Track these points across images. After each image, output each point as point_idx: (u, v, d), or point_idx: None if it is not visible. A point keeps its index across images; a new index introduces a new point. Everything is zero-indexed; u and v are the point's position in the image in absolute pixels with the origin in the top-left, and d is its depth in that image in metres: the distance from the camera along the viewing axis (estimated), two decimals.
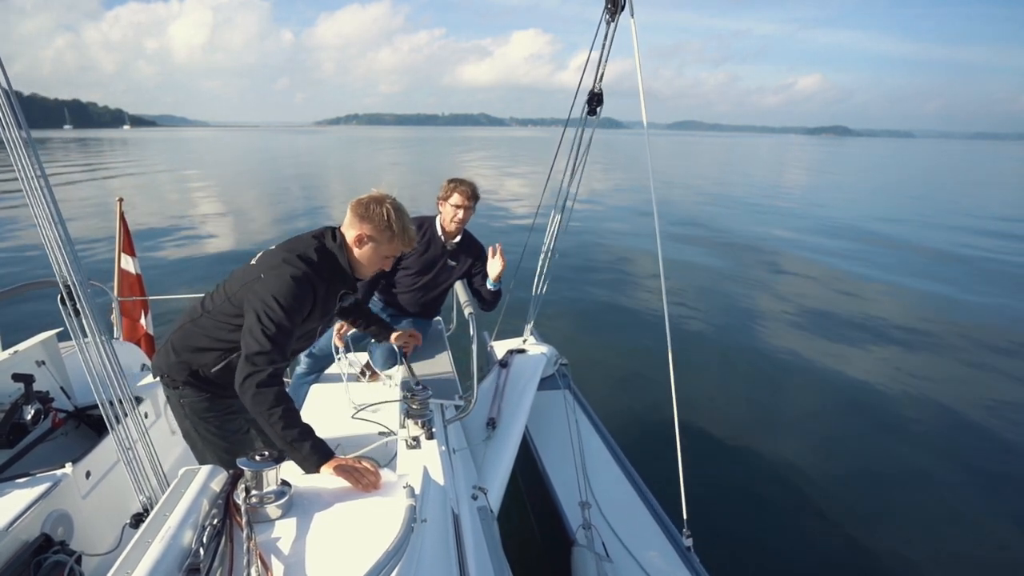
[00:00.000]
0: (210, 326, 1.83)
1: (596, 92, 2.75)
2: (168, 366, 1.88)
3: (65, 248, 1.52)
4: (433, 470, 1.84)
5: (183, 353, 1.86)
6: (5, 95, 1.35)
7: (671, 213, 17.30)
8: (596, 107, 2.79)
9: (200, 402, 1.89)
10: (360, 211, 1.83)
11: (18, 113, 1.39)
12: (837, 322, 7.60)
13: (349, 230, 1.86)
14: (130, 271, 3.88)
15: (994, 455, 4.46)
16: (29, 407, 2.26)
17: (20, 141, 1.40)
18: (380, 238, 1.84)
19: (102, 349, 1.64)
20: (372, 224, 1.82)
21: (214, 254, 10.99)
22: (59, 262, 1.54)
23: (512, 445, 2.60)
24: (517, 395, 3.00)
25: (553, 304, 6.75)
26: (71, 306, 1.60)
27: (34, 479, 1.94)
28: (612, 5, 2.38)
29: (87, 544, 1.98)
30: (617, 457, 3.01)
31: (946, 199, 24.54)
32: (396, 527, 1.13)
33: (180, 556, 1.04)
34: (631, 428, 4.21)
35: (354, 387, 2.95)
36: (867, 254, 12.34)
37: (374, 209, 1.82)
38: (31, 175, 1.44)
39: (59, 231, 1.50)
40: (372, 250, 1.86)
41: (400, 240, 1.86)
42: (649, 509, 2.63)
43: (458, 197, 2.87)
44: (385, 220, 1.81)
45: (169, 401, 1.94)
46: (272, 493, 1.22)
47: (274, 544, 1.13)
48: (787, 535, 3.46)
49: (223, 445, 1.92)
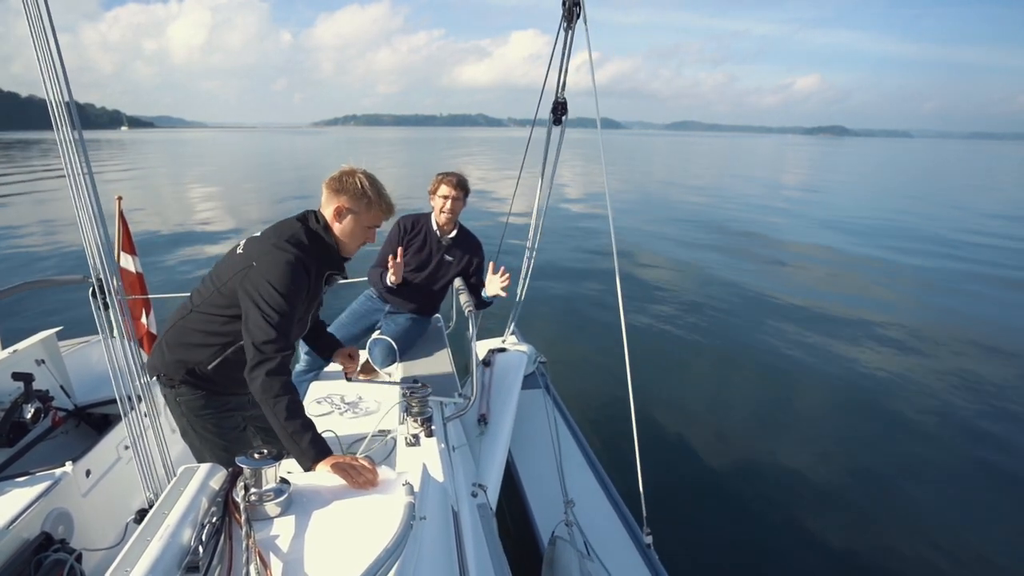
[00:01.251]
0: (202, 321, 1.82)
1: (560, 101, 2.74)
2: (164, 365, 1.87)
3: (101, 244, 1.61)
4: (432, 468, 1.84)
5: (177, 351, 1.85)
6: (63, 99, 1.49)
7: (657, 211, 17.57)
8: (561, 115, 2.78)
9: (196, 400, 1.88)
10: (334, 185, 1.83)
11: (74, 114, 1.51)
12: (803, 317, 7.64)
13: (327, 207, 1.85)
14: (130, 270, 3.87)
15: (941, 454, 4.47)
16: (29, 406, 2.27)
17: (72, 141, 1.52)
18: (358, 207, 1.84)
19: (129, 344, 1.73)
20: (348, 195, 1.82)
21: (214, 256, 10.99)
22: (94, 256, 1.62)
23: (504, 441, 2.61)
24: (504, 393, 3.00)
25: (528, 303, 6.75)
26: (101, 300, 1.69)
27: (34, 478, 1.95)
28: (568, 14, 2.40)
29: (87, 542, 1.99)
30: (587, 455, 3.03)
31: (945, 199, 24.62)
32: (395, 524, 1.13)
33: (179, 554, 1.05)
34: (599, 426, 4.23)
35: (353, 385, 2.96)
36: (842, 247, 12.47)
37: (347, 180, 1.82)
38: (79, 173, 1.54)
39: (97, 227, 1.60)
40: (352, 222, 1.85)
41: (378, 207, 1.86)
42: (614, 507, 2.65)
43: (445, 188, 2.92)
44: (360, 188, 1.82)
45: (166, 400, 1.94)
46: (271, 491, 1.22)
47: (273, 542, 1.13)
48: (746, 531, 3.49)
49: (221, 443, 1.92)
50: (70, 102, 1.49)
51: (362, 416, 2.64)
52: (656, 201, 20.86)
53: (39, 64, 1.42)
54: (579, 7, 2.37)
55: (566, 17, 2.40)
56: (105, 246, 1.63)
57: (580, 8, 2.37)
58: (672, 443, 4.38)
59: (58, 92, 1.47)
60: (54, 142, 1.51)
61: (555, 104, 2.74)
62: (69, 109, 1.49)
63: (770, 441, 4.52)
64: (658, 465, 3.85)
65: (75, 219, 1.58)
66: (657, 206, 19.28)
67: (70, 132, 1.50)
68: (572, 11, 2.38)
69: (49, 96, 1.46)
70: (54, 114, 1.47)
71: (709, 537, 3.38)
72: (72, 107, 1.50)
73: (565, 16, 2.40)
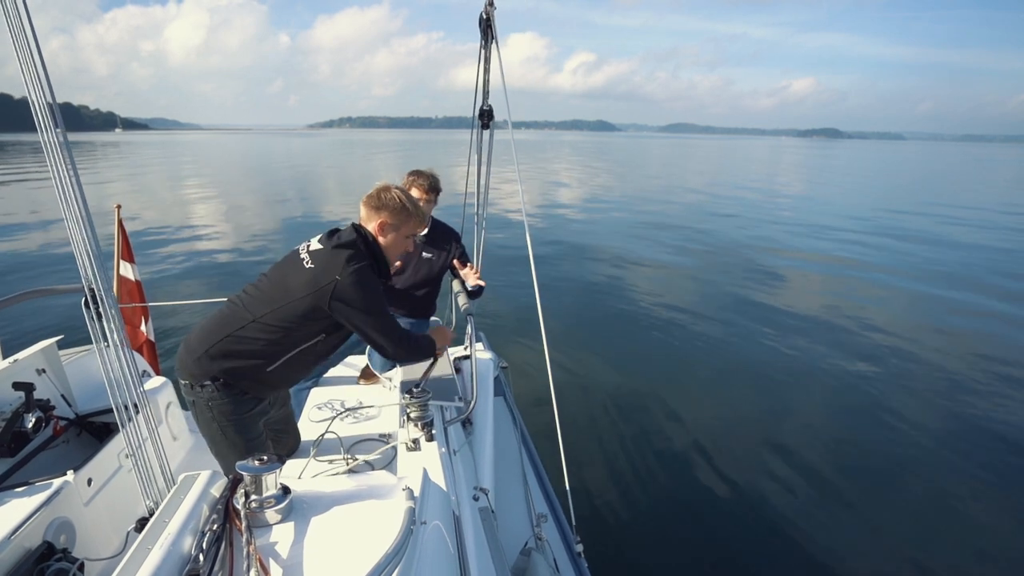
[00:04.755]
0: (266, 331, 1.87)
1: (484, 108, 3.01)
2: (208, 372, 1.88)
3: (92, 252, 1.58)
4: (433, 472, 1.85)
5: (233, 359, 1.88)
6: (45, 100, 1.45)
7: (639, 212, 17.87)
8: (488, 121, 3.04)
9: (228, 404, 1.92)
10: (374, 203, 1.99)
11: (58, 117, 1.48)
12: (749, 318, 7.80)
13: (369, 223, 2.00)
14: (129, 278, 3.89)
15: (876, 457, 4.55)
16: (30, 415, 2.27)
17: (57, 144, 1.48)
18: (399, 221, 2.00)
19: (123, 353, 1.71)
20: (389, 210, 1.98)
21: (210, 259, 10.97)
22: (85, 266, 1.59)
23: (490, 445, 2.61)
24: (482, 398, 3.00)
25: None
26: (94, 309, 1.66)
27: (35, 487, 1.96)
28: (484, 34, 2.78)
29: (90, 551, 1.99)
30: (534, 462, 3.00)
31: (935, 199, 24.72)
32: (395, 530, 1.14)
33: (180, 562, 1.05)
34: (540, 432, 4.22)
35: (354, 390, 2.96)
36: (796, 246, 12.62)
37: (385, 196, 1.99)
38: (66, 178, 1.51)
39: (87, 234, 1.56)
40: (395, 235, 2.02)
41: (416, 217, 2.04)
42: (552, 515, 2.64)
43: (417, 191, 2.88)
44: (399, 203, 1.99)
45: (195, 405, 1.95)
46: (272, 497, 1.22)
47: (273, 548, 1.14)
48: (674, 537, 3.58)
49: (247, 449, 1.96)
50: (52, 103, 1.46)
51: (363, 421, 2.64)
52: (638, 202, 21.18)
53: (20, 65, 1.40)
54: (491, 29, 2.77)
55: (483, 36, 2.78)
56: (96, 254, 1.59)
57: (492, 30, 2.78)
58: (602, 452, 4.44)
59: (41, 93, 1.44)
60: (40, 143, 1.47)
61: (481, 111, 3.00)
62: (52, 110, 1.46)
63: (700, 446, 4.57)
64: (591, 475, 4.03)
65: (61, 224, 1.58)
66: (639, 207, 19.61)
67: (55, 134, 1.47)
68: (487, 32, 2.77)
69: (32, 98, 1.43)
70: (38, 116, 1.45)
71: (638, 546, 3.43)
72: (55, 108, 1.47)
73: (483, 35, 2.78)
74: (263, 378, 1.94)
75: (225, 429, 1.95)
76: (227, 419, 1.94)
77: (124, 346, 1.74)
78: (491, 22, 2.73)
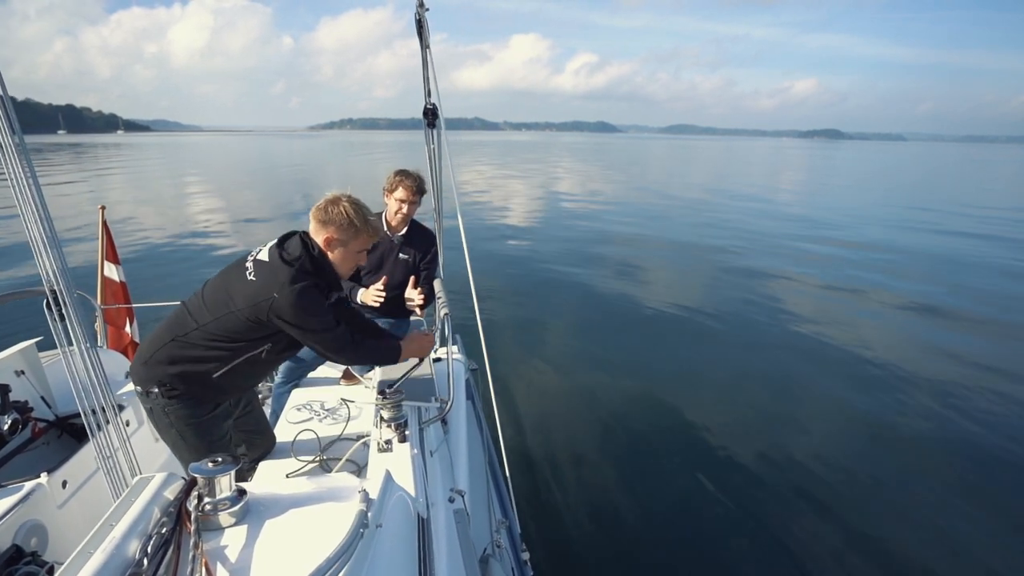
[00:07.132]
0: (208, 338, 1.85)
1: (428, 108, 3.13)
2: (153, 377, 1.87)
3: (52, 253, 1.54)
4: (400, 474, 1.84)
5: (181, 364, 1.86)
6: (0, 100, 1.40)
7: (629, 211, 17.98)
8: (433, 120, 3.14)
9: (185, 408, 1.90)
10: (321, 216, 1.90)
11: (12, 118, 1.44)
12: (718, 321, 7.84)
13: (317, 236, 1.92)
14: (114, 279, 3.88)
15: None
16: (6, 417, 2.26)
17: (12, 146, 1.44)
18: (346, 237, 1.91)
19: (86, 356, 1.67)
20: (335, 225, 1.89)
21: (209, 259, 10.96)
22: (46, 268, 1.56)
23: (465, 445, 2.59)
24: (457, 400, 2.98)
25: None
26: (56, 312, 1.63)
27: (7, 490, 1.94)
28: (419, 35, 2.93)
29: (62, 554, 1.96)
30: (493, 469, 2.98)
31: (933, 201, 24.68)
32: (343, 532, 1.13)
33: (123, 566, 1.02)
34: None
35: (335, 390, 2.96)
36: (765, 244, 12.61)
37: (332, 210, 1.89)
38: (21, 179, 1.47)
39: (46, 235, 1.52)
40: (343, 250, 1.94)
41: (365, 233, 1.94)
42: (508, 526, 2.62)
43: (402, 192, 2.84)
44: (346, 218, 1.89)
45: (152, 411, 1.93)
46: (226, 500, 1.21)
47: (223, 552, 1.12)
48: (621, 543, 3.59)
49: (208, 452, 1.94)
50: (4, 97, 1.41)
51: (341, 422, 2.64)
52: (635, 204, 21.35)
53: None
54: (424, 30, 2.92)
55: (419, 37, 2.89)
56: (57, 254, 1.55)
57: (425, 31, 2.93)
58: (551, 464, 4.35)
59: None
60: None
61: (425, 109, 3.07)
62: (6, 110, 1.41)
63: (648, 453, 4.56)
64: (537, 488, 3.99)
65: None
66: (635, 209, 19.75)
67: (9, 135, 1.43)
68: (420, 33, 2.91)
69: None
70: None
71: (584, 556, 3.43)
72: (9, 108, 1.42)
73: (419, 36, 2.89)
74: (210, 383, 1.90)
75: (184, 433, 1.93)
76: (184, 423, 1.91)
77: (92, 348, 1.72)
78: (423, 23, 2.78)
